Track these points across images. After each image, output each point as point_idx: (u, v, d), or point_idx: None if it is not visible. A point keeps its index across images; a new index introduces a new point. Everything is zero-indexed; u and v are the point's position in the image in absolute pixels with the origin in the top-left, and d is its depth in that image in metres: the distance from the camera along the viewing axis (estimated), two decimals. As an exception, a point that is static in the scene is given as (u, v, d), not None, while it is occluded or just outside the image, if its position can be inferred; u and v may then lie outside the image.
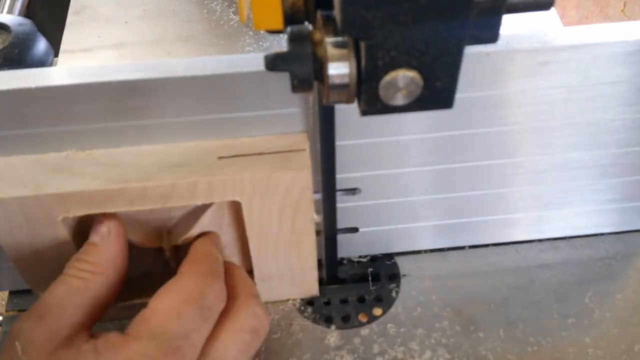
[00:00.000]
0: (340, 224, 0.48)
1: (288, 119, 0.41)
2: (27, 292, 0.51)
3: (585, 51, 0.39)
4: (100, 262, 0.39)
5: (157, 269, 0.49)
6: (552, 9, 0.50)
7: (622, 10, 1.13)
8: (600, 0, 1.15)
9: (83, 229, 0.43)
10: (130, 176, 0.39)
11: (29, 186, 0.39)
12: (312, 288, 0.50)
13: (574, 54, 0.39)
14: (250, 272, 0.48)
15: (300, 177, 0.40)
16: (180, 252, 0.47)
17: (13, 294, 0.52)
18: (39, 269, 0.44)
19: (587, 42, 0.39)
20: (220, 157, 0.40)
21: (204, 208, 0.43)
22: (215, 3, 0.69)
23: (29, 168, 0.40)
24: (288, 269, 0.47)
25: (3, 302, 0.54)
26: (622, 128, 0.44)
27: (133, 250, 0.47)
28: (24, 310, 0.51)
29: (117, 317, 0.49)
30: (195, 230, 0.44)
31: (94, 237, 0.40)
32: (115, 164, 0.40)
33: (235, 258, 0.49)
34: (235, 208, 0.44)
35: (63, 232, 0.41)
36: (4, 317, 0.50)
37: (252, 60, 0.38)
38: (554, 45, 0.38)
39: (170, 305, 0.36)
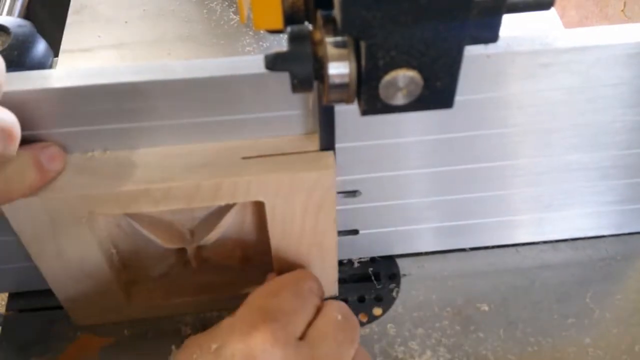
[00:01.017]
0: (340, 226, 0.48)
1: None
2: (27, 292, 0.51)
3: (586, 53, 0.39)
4: None
5: (179, 269, 0.49)
6: (552, 9, 0.50)
7: (622, 10, 1.13)
8: (600, 0, 1.15)
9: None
10: (154, 177, 0.40)
11: (53, 187, 0.39)
12: (332, 287, 0.50)
13: (575, 56, 0.39)
14: (271, 271, 0.48)
15: (324, 177, 0.40)
16: (202, 252, 0.48)
17: (13, 294, 0.52)
18: (62, 267, 0.44)
19: (588, 44, 0.39)
20: (244, 158, 0.40)
21: (226, 208, 0.43)
22: (215, 3, 0.69)
23: None
24: (309, 268, 0.47)
25: (3, 302, 0.54)
26: (623, 130, 0.44)
27: (156, 250, 0.47)
28: (23, 311, 0.51)
29: (140, 316, 0.49)
30: (217, 231, 0.44)
31: None
32: (139, 165, 0.40)
33: (256, 258, 0.49)
34: (258, 208, 0.44)
35: (87, 233, 0.41)
36: (3, 317, 0.50)
37: (255, 62, 0.38)
38: (555, 47, 0.38)
39: (269, 288, 0.41)
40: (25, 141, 0.37)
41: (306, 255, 0.46)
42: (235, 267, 0.49)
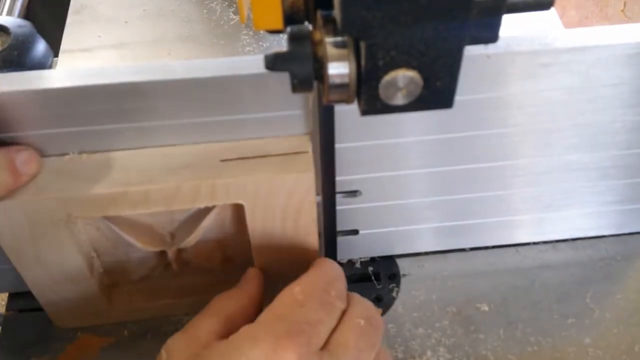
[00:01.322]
0: (340, 227, 0.48)
1: (291, 121, 0.41)
2: (27, 292, 0.51)
3: (587, 53, 0.39)
4: (237, 290, 0.43)
5: (160, 272, 0.49)
6: (552, 9, 0.50)
7: (622, 10, 1.13)
8: (600, 0, 1.15)
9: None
10: (133, 179, 0.39)
11: (31, 189, 0.39)
12: None
13: (575, 56, 0.39)
14: None
15: (304, 179, 0.40)
16: (183, 254, 0.47)
17: (13, 294, 0.52)
18: (42, 271, 0.43)
19: (588, 44, 0.39)
20: (223, 160, 0.40)
21: (206, 211, 0.43)
22: (215, 3, 0.69)
23: None
24: (290, 270, 0.47)
25: (3, 303, 0.54)
26: (623, 130, 0.44)
27: (136, 254, 0.47)
28: (23, 311, 0.51)
29: (122, 319, 0.49)
30: (198, 233, 0.44)
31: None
32: (118, 167, 0.40)
33: (238, 260, 0.49)
34: (238, 210, 0.44)
35: (66, 236, 0.41)
36: (3, 317, 0.50)
37: (255, 62, 0.38)
38: (555, 48, 0.38)
39: (295, 297, 0.39)
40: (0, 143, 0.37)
41: (288, 257, 0.45)
42: (217, 269, 0.49)
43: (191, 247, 0.46)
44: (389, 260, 0.52)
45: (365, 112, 0.30)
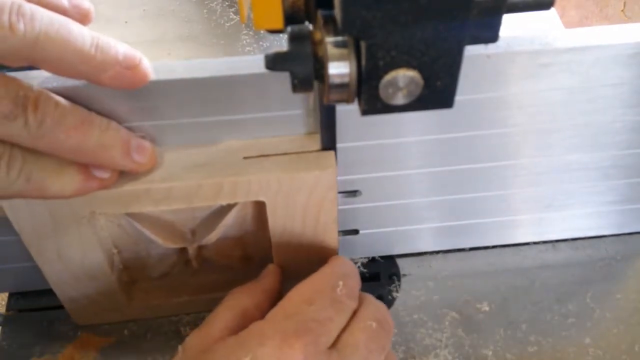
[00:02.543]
0: (340, 226, 0.48)
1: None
2: (27, 292, 0.51)
3: (587, 53, 0.39)
4: (252, 286, 0.44)
5: (180, 269, 0.49)
6: (552, 9, 0.50)
7: (622, 10, 1.13)
8: (600, 0, 1.15)
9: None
10: (156, 176, 0.40)
11: None
12: None
13: (575, 56, 0.39)
14: None
15: (325, 176, 0.40)
16: (203, 252, 0.48)
17: (13, 294, 0.52)
18: (63, 268, 0.44)
19: (588, 44, 0.38)
20: (245, 157, 0.40)
21: (228, 208, 0.43)
22: (215, 3, 0.69)
23: None
24: (309, 267, 0.47)
25: (3, 303, 0.54)
26: (623, 130, 0.44)
27: (157, 250, 0.47)
28: (24, 310, 0.51)
29: (141, 316, 0.49)
30: (218, 230, 0.44)
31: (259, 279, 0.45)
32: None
33: (257, 257, 0.49)
34: (259, 208, 0.44)
35: (88, 232, 0.41)
36: (3, 317, 0.50)
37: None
38: (555, 47, 0.38)
39: (304, 294, 0.40)
40: None
41: (307, 255, 0.46)
42: (236, 267, 0.49)
43: (212, 244, 0.46)
44: (389, 260, 0.53)
45: (365, 112, 0.30)
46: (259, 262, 0.49)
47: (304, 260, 0.46)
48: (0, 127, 0.33)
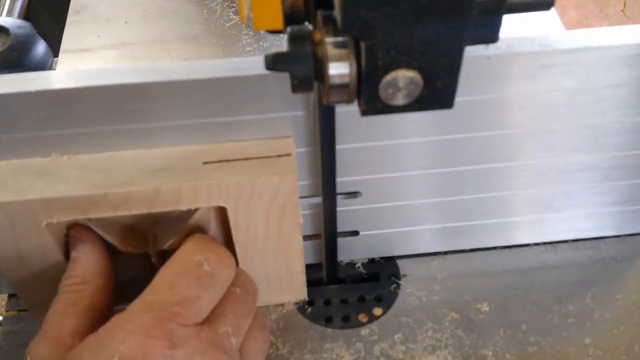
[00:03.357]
0: (340, 228, 0.48)
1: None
2: (27, 292, 0.51)
3: (587, 54, 0.39)
4: (86, 272, 0.41)
5: (144, 275, 0.49)
6: (552, 9, 0.50)
7: (622, 11, 1.13)
8: (600, 0, 1.15)
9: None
10: (114, 181, 0.39)
11: (12, 191, 0.39)
12: (300, 292, 0.49)
13: (575, 57, 0.39)
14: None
15: (286, 182, 0.40)
16: (167, 257, 0.47)
17: (13, 294, 0.52)
18: (25, 274, 0.43)
19: (588, 45, 0.38)
20: (205, 162, 0.40)
21: (189, 213, 0.43)
22: (215, 3, 0.69)
23: (12, 173, 0.40)
24: (275, 273, 0.47)
25: (3, 303, 0.54)
26: (623, 131, 0.44)
27: (119, 256, 0.46)
28: (23, 311, 0.51)
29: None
30: (181, 236, 0.44)
31: (74, 253, 0.42)
32: (99, 169, 0.40)
33: None
34: (222, 213, 0.43)
35: (47, 237, 0.41)
36: (3, 317, 0.50)
37: (240, 64, 0.38)
38: (555, 49, 0.38)
39: (164, 279, 0.38)
40: None
41: (272, 260, 0.45)
42: None
43: (175, 249, 0.46)
44: (389, 261, 0.52)
45: (365, 112, 0.30)
46: None
47: (271, 265, 0.46)
48: None
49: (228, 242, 0.45)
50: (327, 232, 0.47)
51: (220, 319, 0.38)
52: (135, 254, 0.45)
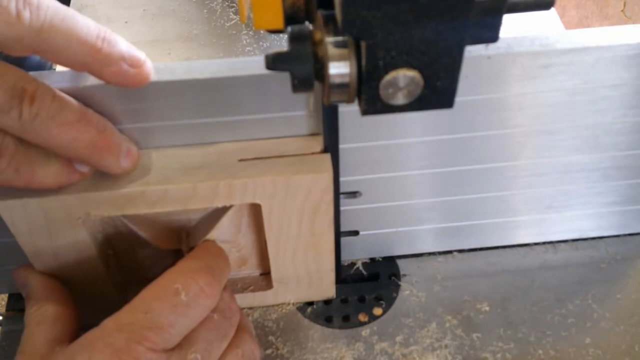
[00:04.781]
0: (340, 227, 0.48)
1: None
2: (27, 292, 0.51)
3: (587, 54, 0.39)
4: (39, 296, 0.42)
5: None
6: (552, 9, 0.50)
7: (622, 11, 1.13)
8: (600, 0, 1.15)
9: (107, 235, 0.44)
10: (151, 178, 0.40)
11: None
12: (328, 290, 0.49)
13: (575, 57, 0.39)
14: (267, 274, 0.48)
15: (321, 179, 0.40)
16: None
17: (13, 294, 0.52)
18: (58, 269, 0.44)
19: (588, 45, 0.38)
20: (240, 160, 0.40)
21: (223, 210, 0.43)
22: (215, 3, 0.69)
23: None
24: (305, 271, 0.47)
25: (3, 302, 0.54)
26: (624, 131, 0.44)
27: (152, 252, 0.47)
28: (23, 310, 0.50)
29: None
30: (214, 233, 0.44)
31: (23, 291, 0.44)
32: (137, 166, 0.40)
33: (252, 260, 0.49)
34: (254, 210, 0.44)
35: (83, 234, 0.41)
36: (3, 317, 0.50)
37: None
38: (555, 48, 0.38)
39: (142, 300, 0.38)
40: None
41: (303, 257, 0.45)
42: (232, 270, 0.49)
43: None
44: (389, 261, 0.52)
45: (365, 112, 0.30)
46: (255, 265, 0.49)
47: (301, 262, 0.46)
48: None
49: (259, 239, 0.45)
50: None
51: (191, 345, 0.38)
52: (168, 250, 0.45)
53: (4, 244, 0.45)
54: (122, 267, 0.48)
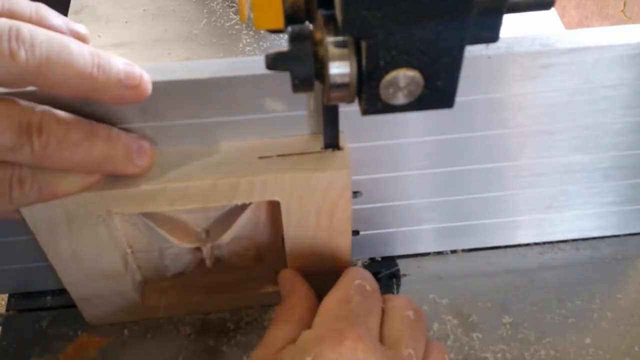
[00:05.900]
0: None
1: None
2: (27, 292, 0.51)
3: (587, 54, 0.39)
4: (293, 300, 0.44)
5: (193, 269, 0.49)
6: (552, 9, 0.50)
7: (622, 11, 1.12)
8: (600, 0, 1.15)
9: None
10: (171, 176, 0.40)
11: None
12: None
13: (575, 57, 0.39)
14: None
15: (340, 176, 0.40)
16: (217, 251, 0.48)
17: (13, 294, 0.52)
18: (77, 267, 0.44)
19: (588, 45, 0.38)
20: (260, 157, 0.40)
21: (242, 208, 0.43)
22: (215, 3, 0.69)
23: None
24: (320, 268, 0.47)
25: (3, 303, 0.54)
26: (624, 131, 0.44)
27: (170, 249, 0.47)
28: (23, 310, 0.51)
29: (154, 316, 0.49)
30: (232, 230, 0.44)
31: (283, 292, 0.45)
32: (156, 164, 0.40)
33: (270, 258, 0.49)
34: (273, 208, 0.44)
35: (103, 231, 0.42)
36: (3, 317, 0.50)
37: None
38: (555, 48, 0.38)
39: (338, 296, 0.41)
40: None
41: (320, 255, 0.46)
42: (249, 267, 0.49)
43: (225, 244, 0.46)
44: (390, 261, 0.52)
45: (365, 111, 0.30)
46: (272, 262, 0.49)
47: (317, 260, 0.46)
48: (7, 156, 0.33)
49: (278, 236, 0.45)
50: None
51: (398, 341, 0.39)
52: (186, 247, 0.46)
53: (5, 243, 0.45)
54: (141, 265, 0.48)
